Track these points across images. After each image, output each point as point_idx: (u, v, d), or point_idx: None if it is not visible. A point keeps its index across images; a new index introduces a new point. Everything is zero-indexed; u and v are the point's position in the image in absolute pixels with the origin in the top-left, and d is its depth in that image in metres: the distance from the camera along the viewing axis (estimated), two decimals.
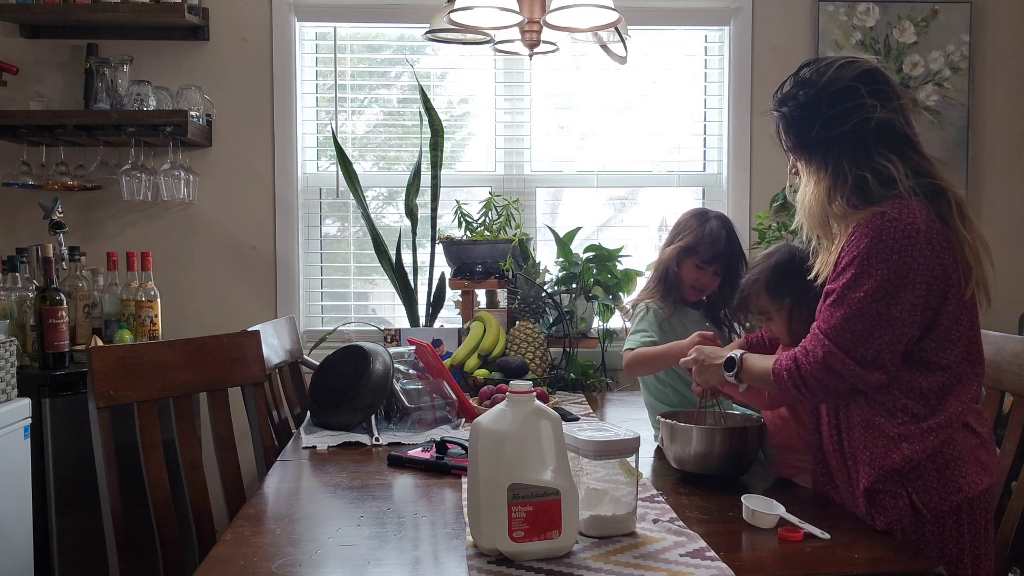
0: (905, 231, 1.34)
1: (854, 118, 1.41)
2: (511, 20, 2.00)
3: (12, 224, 2.93)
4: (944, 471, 1.39)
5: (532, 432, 1.21)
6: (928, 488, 1.39)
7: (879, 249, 1.35)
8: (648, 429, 2.01)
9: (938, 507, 1.38)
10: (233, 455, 1.89)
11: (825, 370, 1.39)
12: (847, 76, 1.43)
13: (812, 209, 1.47)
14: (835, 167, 1.44)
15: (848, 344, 1.37)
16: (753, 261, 1.82)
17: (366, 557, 1.22)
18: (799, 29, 3.09)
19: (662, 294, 2.02)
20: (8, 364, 2.13)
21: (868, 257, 1.36)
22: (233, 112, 3.00)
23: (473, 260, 2.72)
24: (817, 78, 1.46)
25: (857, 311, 1.36)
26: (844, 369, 1.38)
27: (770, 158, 3.10)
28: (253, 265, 3.04)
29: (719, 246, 1.97)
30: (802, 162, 1.51)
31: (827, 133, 1.44)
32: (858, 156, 1.42)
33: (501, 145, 3.16)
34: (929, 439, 1.38)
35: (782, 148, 1.56)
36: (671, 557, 1.21)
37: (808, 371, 1.41)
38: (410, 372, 2.14)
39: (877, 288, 1.35)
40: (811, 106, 1.45)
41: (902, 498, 1.39)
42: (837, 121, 1.43)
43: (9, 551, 2.07)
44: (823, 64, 1.48)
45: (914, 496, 1.39)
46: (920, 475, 1.39)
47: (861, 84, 1.42)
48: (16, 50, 2.91)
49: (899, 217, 1.35)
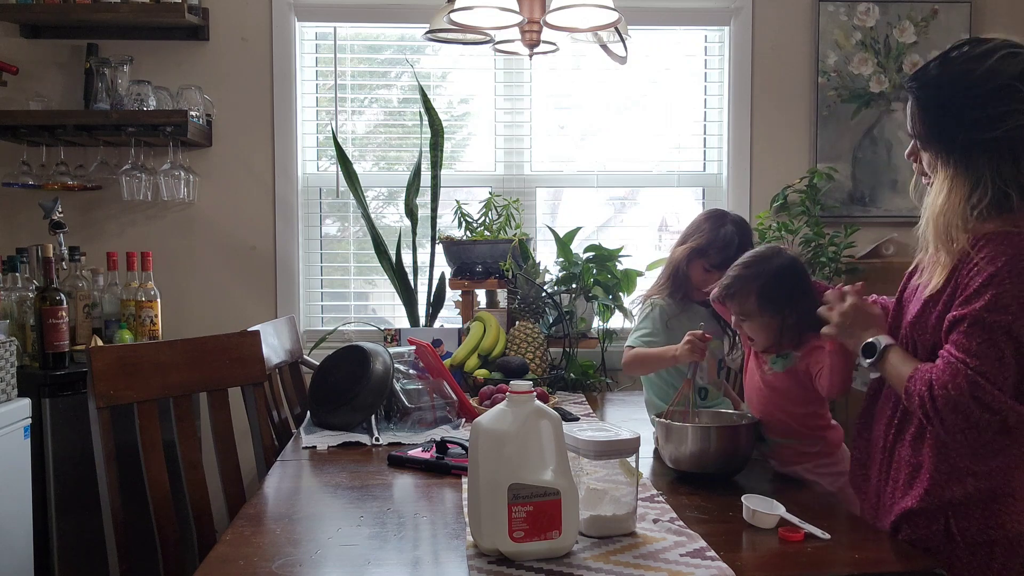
0: None
1: (1008, 124, 1.25)
2: (511, 20, 2.00)
3: (12, 224, 2.93)
4: (992, 503, 1.31)
5: (532, 432, 1.21)
6: (969, 516, 1.32)
7: (1021, 269, 1.21)
8: (648, 429, 2.01)
9: (974, 538, 1.31)
10: (233, 455, 1.89)
11: (972, 403, 1.23)
12: (1009, 72, 1.25)
13: (941, 216, 1.30)
14: (976, 175, 1.28)
15: (997, 375, 1.22)
16: (741, 258, 1.73)
17: (366, 557, 1.22)
18: (799, 29, 3.09)
19: (671, 291, 2.03)
20: (8, 364, 2.13)
21: (1011, 276, 1.22)
22: (233, 112, 3.00)
23: (473, 260, 2.72)
24: (972, 68, 1.27)
25: (1005, 337, 1.22)
26: (995, 402, 1.22)
27: (770, 158, 3.11)
28: (253, 265, 3.04)
29: (730, 252, 1.93)
30: (937, 160, 1.34)
31: (973, 135, 1.27)
32: (1006, 167, 1.26)
33: (501, 145, 3.16)
34: (996, 476, 1.30)
35: (908, 132, 1.39)
36: (671, 557, 1.21)
37: (947, 404, 1.25)
38: (410, 372, 2.14)
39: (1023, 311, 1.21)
40: (959, 100, 1.28)
41: (939, 523, 1.33)
42: (988, 125, 1.26)
43: (9, 551, 2.07)
44: (981, 50, 1.28)
45: (953, 522, 1.32)
46: (966, 503, 1.32)
47: (1023, 87, 1.24)
48: (16, 50, 2.91)
49: None
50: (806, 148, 3.12)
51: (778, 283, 1.65)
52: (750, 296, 1.67)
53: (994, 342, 1.23)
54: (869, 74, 3.08)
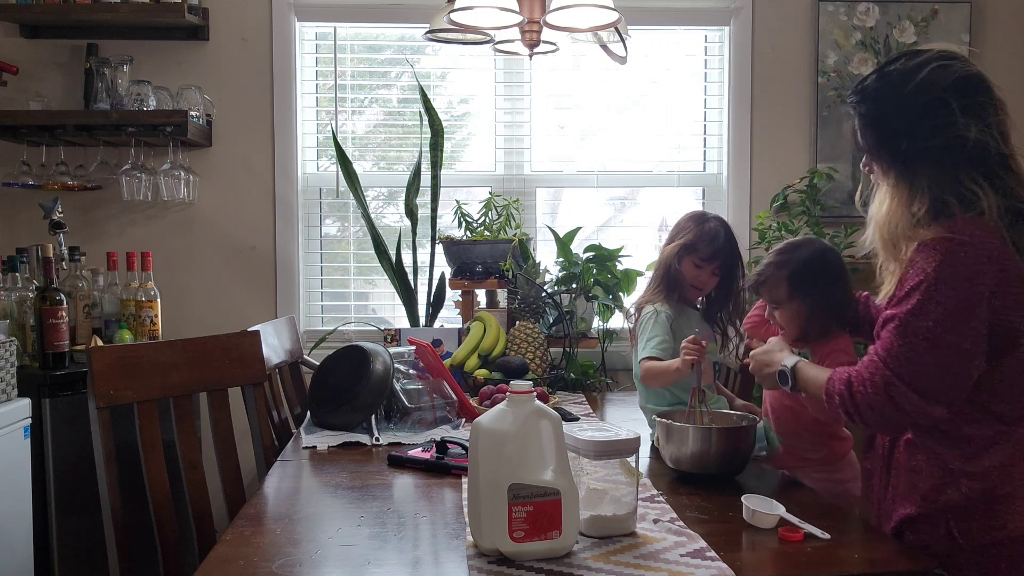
0: (976, 256, 1.22)
1: (944, 136, 1.28)
2: (511, 20, 2.00)
3: (12, 224, 2.93)
4: (992, 504, 1.29)
5: (532, 432, 1.21)
6: (970, 519, 1.31)
7: (948, 275, 1.24)
8: (647, 429, 2.01)
9: (977, 540, 1.30)
10: (233, 455, 1.89)
11: (886, 401, 1.29)
12: (940, 85, 1.30)
13: (885, 226, 1.35)
14: (916, 184, 1.31)
15: (912, 376, 1.27)
16: (777, 246, 1.78)
17: (366, 557, 1.22)
18: (799, 29, 3.09)
19: (665, 293, 2.03)
20: (8, 364, 2.13)
21: (936, 283, 1.24)
22: (233, 112, 3.00)
23: (473, 260, 2.72)
24: (906, 81, 1.32)
25: (924, 341, 1.25)
26: (906, 402, 1.28)
27: (770, 158, 3.11)
28: (253, 265, 3.04)
29: (718, 243, 1.99)
30: (880, 169, 1.38)
31: (910, 146, 1.31)
32: (944, 177, 1.29)
33: (501, 145, 3.16)
34: (992, 476, 1.30)
35: (856, 145, 1.44)
36: (671, 557, 1.21)
37: (864, 400, 1.31)
38: (410, 372, 2.14)
39: (946, 317, 1.24)
40: (895, 113, 1.32)
41: (941, 527, 1.33)
42: (923, 136, 1.30)
43: (9, 551, 2.07)
44: (914, 63, 1.32)
45: (954, 525, 1.31)
46: (966, 506, 1.31)
47: (954, 98, 1.28)
48: (16, 50, 2.91)
49: (970, 241, 1.23)
50: (806, 148, 3.12)
51: (808, 271, 1.68)
52: (781, 283, 1.70)
53: (913, 346, 1.27)
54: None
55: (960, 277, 1.24)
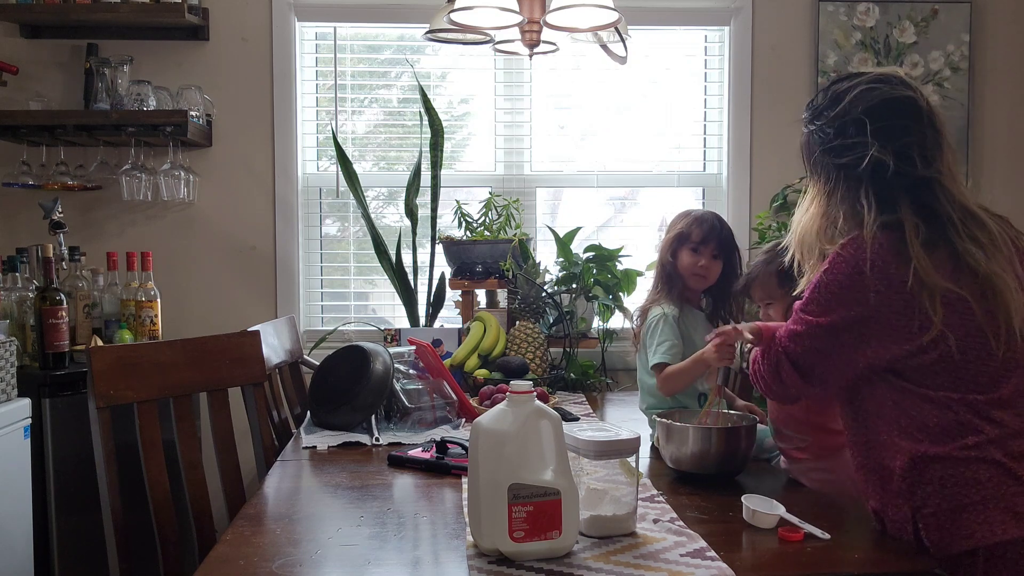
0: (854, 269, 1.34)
1: (853, 153, 1.39)
2: (511, 20, 2.00)
3: (12, 224, 2.93)
4: (960, 513, 1.28)
5: (532, 432, 1.21)
6: (939, 528, 1.29)
7: (828, 281, 1.37)
8: (647, 429, 2.01)
9: (946, 549, 1.28)
10: (233, 455, 1.89)
11: (773, 375, 1.48)
12: (862, 105, 1.40)
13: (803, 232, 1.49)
14: (832, 195, 1.44)
15: (796, 357, 1.43)
16: (762, 248, 1.84)
17: (366, 557, 1.22)
18: (799, 29, 3.09)
19: (667, 291, 2.02)
20: (8, 364, 2.13)
21: (825, 274, 1.38)
22: (233, 112, 3.00)
23: (473, 260, 2.72)
24: (838, 100, 1.43)
25: (808, 332, 1.41)
26: (788, 378, 1.45)
27: (770, 158, 3.10)
28: (253, 265, 3.04)
29: (707, 224, 2.00)
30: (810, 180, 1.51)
31: (831, 160, 1.43)
32: (849, 191, 1.41)
33: (501, 145, 3.16)
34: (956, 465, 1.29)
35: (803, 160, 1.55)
36: (671, 557, 1.21)
37: (759, 370, 1.52)
38: (410, 372, 2.14)
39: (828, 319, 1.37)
40: (823, 129, 1.44)
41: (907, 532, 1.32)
42: (839, 152, 1.41)
43: (9, 551, 2.08)
44: (851, 84, 1.44)
45: (922, 531, 1.30)
46: (932, 511, 1.29)
47: (871, 120, 1.38)
48: (16, 50, 2.91)
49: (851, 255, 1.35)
50: None
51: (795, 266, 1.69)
52: (771, 278, 1.73)
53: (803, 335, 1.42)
54: None
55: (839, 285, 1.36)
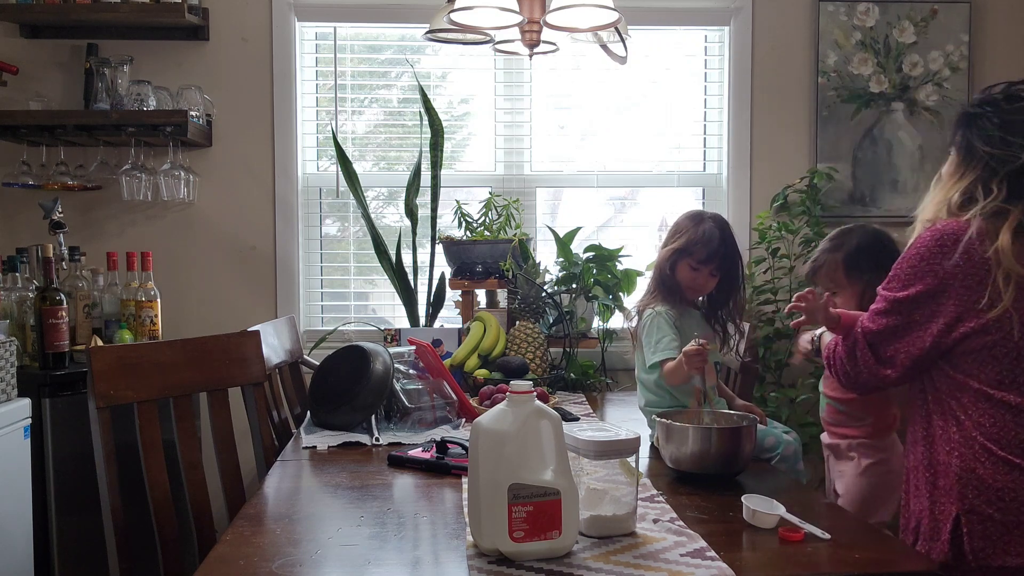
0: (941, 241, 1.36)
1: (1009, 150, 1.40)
2: (511, 20, 2.00)
3: (12, 224, 2.93)
4: (1014, 530, 1.29)
5: (532, 432, 1.21)
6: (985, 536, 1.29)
7: (911, 256, 1.39)
8: (647, 429, 2.01)
9: (986, 560, 1.29)
10: (233, 455, 1.89)
11: (850, 356, 1.48)
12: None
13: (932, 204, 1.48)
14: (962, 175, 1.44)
15: (872, 337, 1.45)
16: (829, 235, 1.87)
17: (366, 557, 1.22)
18: (799, 29, 3.09)
19: (663, 296, 2.02)
20: (8, 364, 2.13)
21: (902, 262, 1.41)
22: (233, 112, 3.00)
23: (473, 260, 2.72)
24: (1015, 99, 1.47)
25: (887, 308, 1.42)
26: (863, 358, 1.46)
27: (770, 158, 3.11)
28: (253, 265, 3.04)
29: (712, 246, 1.95)
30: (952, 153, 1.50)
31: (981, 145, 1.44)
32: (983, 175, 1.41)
33: (501, 145, 3.16)
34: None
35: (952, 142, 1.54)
36: (671, 557, 1.21)
37: (837, 354, 1.51)
38: (410, 372, 2.13)
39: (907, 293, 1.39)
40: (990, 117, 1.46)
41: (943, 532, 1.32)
42: (996, 143, 1.43)
43: (9, 551, 2.07)
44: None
45: (966, 536, 1.30)
46: (982, 519, 1.30)
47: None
48: (16, 50, 2.91)
49: (937, 231, 1.37)
50: (806, 148, 3.12)
51: (862, 253, 1.75)
52: (837, 268, 1.77)
53: (878, 310, 1.44)
54: (869, 74, 3.08)
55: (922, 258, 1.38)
